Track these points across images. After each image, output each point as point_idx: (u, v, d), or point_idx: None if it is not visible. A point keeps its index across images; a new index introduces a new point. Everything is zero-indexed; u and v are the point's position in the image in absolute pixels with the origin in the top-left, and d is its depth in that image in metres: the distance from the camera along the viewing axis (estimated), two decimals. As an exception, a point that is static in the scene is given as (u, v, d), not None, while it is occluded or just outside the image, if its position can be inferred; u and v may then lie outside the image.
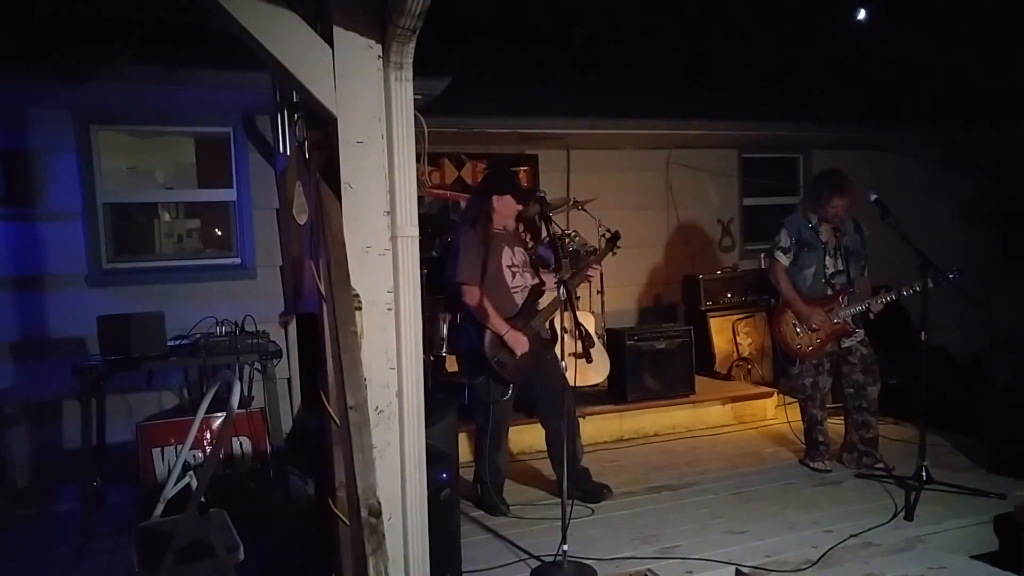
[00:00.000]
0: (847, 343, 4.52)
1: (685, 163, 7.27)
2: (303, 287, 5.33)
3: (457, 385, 5.54)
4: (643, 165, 7.21)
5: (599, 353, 5.55)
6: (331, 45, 2.27)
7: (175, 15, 4.17)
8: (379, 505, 2.04)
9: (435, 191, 6.41)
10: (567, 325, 4.04)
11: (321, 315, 2.37)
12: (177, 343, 4.26)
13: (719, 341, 6.60)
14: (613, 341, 5.66)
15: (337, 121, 2.30)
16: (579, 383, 5.12)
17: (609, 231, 4.34)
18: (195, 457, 4.04)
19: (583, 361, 3.91)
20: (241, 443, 4.28)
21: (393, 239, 2.40)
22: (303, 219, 5.62)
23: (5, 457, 4.78)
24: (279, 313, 5.43)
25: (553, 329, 4.06)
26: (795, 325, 4.54)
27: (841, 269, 4.57)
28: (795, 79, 7.54)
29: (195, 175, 5.61)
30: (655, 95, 6.60)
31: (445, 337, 5.40)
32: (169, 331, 4.23)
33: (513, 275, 4.04)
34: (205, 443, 4.17)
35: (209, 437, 4.17)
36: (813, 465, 4.64)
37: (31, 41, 4.08)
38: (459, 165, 6.57)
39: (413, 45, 2.32)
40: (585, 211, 6.16)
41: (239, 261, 5.47)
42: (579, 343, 3.87)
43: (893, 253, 4.78)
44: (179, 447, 4.00)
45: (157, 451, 4.13)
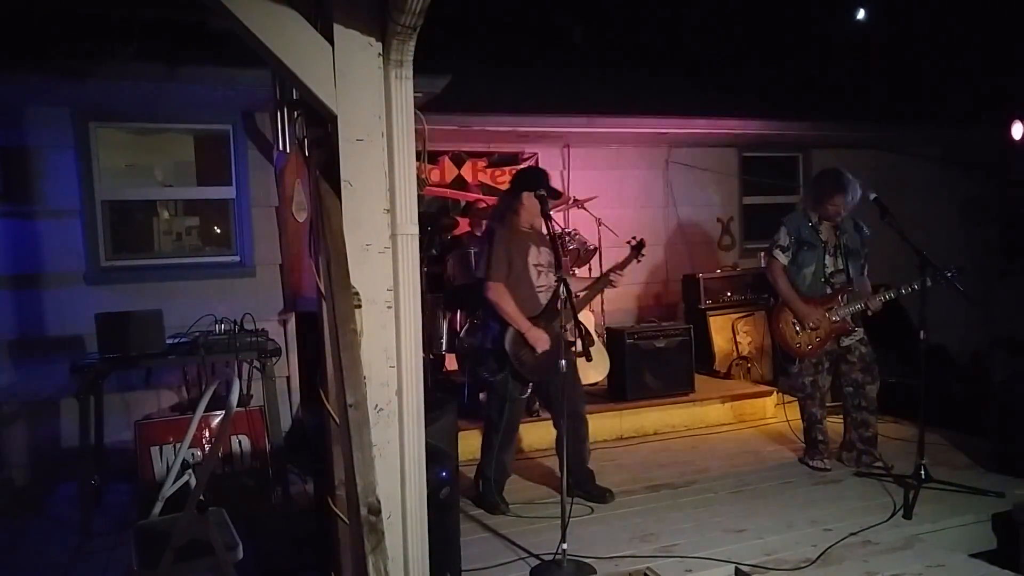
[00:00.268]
0: (846, 342, 4.52)
1: (685, 161, 7.27)
2: (302, 285, 5.33)
3: (456, 383, 5.57)
4: (643, 163, 7.21)
5: (599, 352, 5.55)
6: (331, 43, 2.26)
7: (175, 12, 4.18)
8: (378, 503, 2.04)
9: (435, 189, 6.41)
10: (567, 324, 4.04)
11: (321, 313, 2.36)
12: (176, 341, 4.25)
13: (719, 340, 6.60)
14: (613, 340, 5.66)
15: (337, 119, 2.30)
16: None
17: (635, 238, 4.37)
18: (194, 455, 4.04)
19: (583, 360, 3.92)
20: (240, 441, 4.27)
21: (393, 237, 2.40)
22: (303, 217, 5.62)
23: (3, 456, 4.78)
24: (278, 311, 5.43)
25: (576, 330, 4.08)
26: (794, 324, 4.54)
27: (841, 268, 4.56)
28: (795, 78, 7.55)
29: (194, 173, 5.61)
30: (655, 93, 6.60)
31: (444, 335, 5.40)
32: (168, 329, 4.22)
33: (538, 274, 4.04)
34: (204, 441, 4.16)
35: (208, 435, 4.16)
36: (812, 464, 4.64)
37: (30, 38, 4.08)
38: (459, 163, 6.57)
39: (413, 43, 2.32)
40: (585, 209, 6.16)
41: (238, 259, 5.47)
42: (579, 341, 3.87)
43: (892, 252, 4.78)
44: (178, 445, 3.99)
45: (156, 449, 4.12)
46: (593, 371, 5.53)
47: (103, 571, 3.53)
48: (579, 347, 3.87)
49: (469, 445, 4.93)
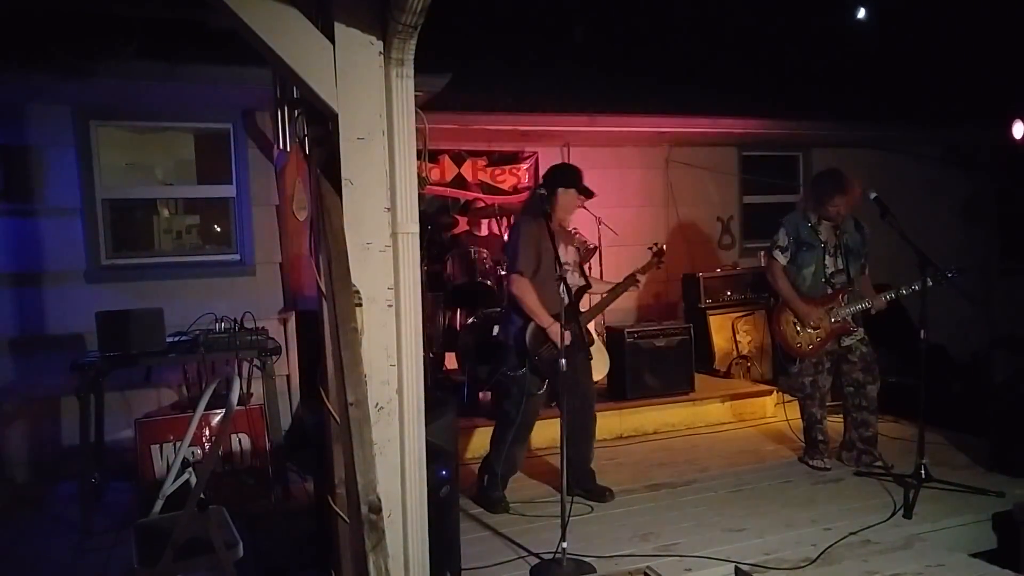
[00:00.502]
0: (847, 341, 4.52)
1: (685, 161, 7.27)
2: (303, 283, 5.33)
3: (456, 382, 5.57)
4: (643, 162, 7.21)
5: (598, 351, 5.52)
6: (332, 41, 2.26)
7: (176, 11, 4.17)
8: (379, 501, 2.04)
9: (435, 188, 6.41)
10: (589, 324, 4.12)
11: (321, 311, 2.37)
12: (176, 339, 4.25)
13: (718, 339, 6.60)
14: (613, 339, 5.66)
15: (338, 117, 2.30)
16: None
17: (656, 244, 4.40)
18: (194, 454, 4.04)
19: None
20: (240, 440, 4.27)
21: (394, 235, 2.40)
22: (303, 215, 5.61)
23: (4, 454, 4.78)
24: (278, 310, 5.43)
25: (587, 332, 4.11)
26: (795, 324, 4.54)
27: (841, 268, 4.56)
28: (795, 77, 7.54)
29: (195, 171, 5.61)
30: (655, 92, 6.59)
31: (442, 334, 5.40)
32: (168, 327, 4.22)
33: (566, 272, 4.04)
34: (204, 440, 4.16)
35: (208, 434, 4.16)
36: (812, 463, 4.64)
37: (31, 36, 4.08)
38: (459, 162, 6.57)
39: (414, 42, 2.32)
40: (585, 208, 6.15)
41: (238, 257, 5.47)
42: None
43: (892, 252, 4.78)
44: (178, 444, 3.99)
45: (156, 448, 4.12)
46: (593, 370, 5.51)
47: (103, 569, 3.53)
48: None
49: (468, 443, 4.95)
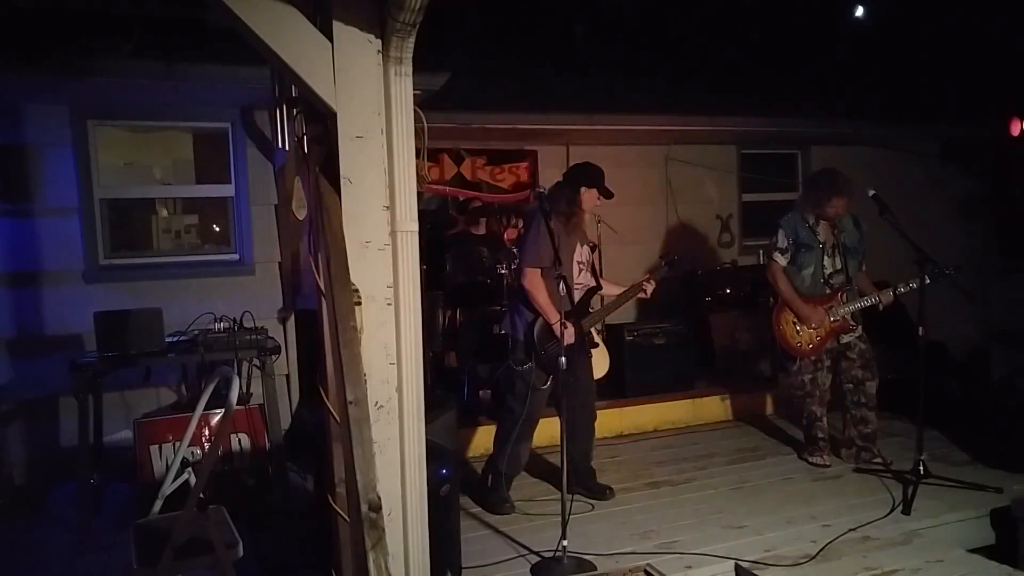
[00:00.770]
0: (846, 339, 4.53)
1: (684, 159, 7.27)
2: (302, 283, 5.32)
3: (456, 381, 5.57)
4: (642, 161, 7.20)
5: (598, 349, 5.54)
6: (331, 40, 2.26)
7: (173, 10, 4.16)
8: (379, 500, 2.04)
9: (434, 187, 6.40)
10: (596, 324, 4.17)
11: (320, 310, 2.36)
12: (175, 339, 4.25)
13: (718, 336, 6.60)
14: (612, 336, 5.65)
15: (336, 116, 2.29)
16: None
17: (670, 255, 4.50)
18: (193, 454, 4.03)
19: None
20: (240, 439, 4.27)
21: (392, 234, 2.40)
22: (302, 214, 5.61)
23: (2, 454, 4.77)
24: (278, 309, 5.42)
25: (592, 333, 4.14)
26: (795, 323, 4.55)
27: (839, 268, 4.57)
28: (794, 75, 7.54)
29: (193, 170, 5.59)
30: (655, 91, 6.59)
31: (442, 333, 5.40)
32: (167, 327, 4.21)
33: (579, 271, 4.06)
34: (203, 440, 4.16)
35: (208, 434, 4.16)
36: (812, 460, 4.65)
37: (29, 35, 4.06)
38: (458, 161, 6.56)
39: (413, 40, 2.31)
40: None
41: (237, 257, 5.46)
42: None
43: (890, 249, 4.78)
44: (177, 444, 3.99)
45: (155, 448, 4.11)
46: (593, 368, 5.52)
47: (103, 569, 3.53)
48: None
49: (469, 442, 4.95)
